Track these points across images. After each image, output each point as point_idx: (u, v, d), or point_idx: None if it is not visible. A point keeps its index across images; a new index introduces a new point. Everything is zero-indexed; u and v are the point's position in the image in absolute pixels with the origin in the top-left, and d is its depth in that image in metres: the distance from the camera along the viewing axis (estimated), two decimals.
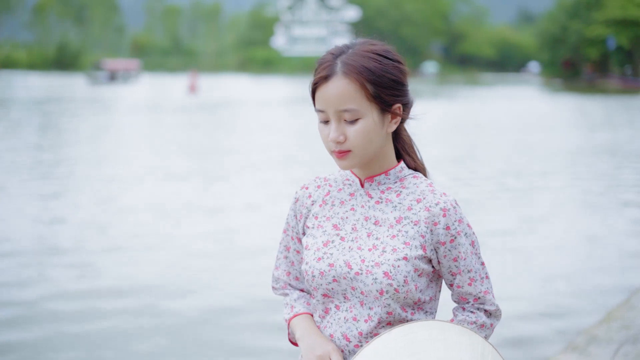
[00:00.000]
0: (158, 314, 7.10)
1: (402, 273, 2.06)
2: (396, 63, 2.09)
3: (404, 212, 2.12)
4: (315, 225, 2.21)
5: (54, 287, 7.86)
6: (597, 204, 13.22)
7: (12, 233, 10.31)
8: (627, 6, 70.53)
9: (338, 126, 2.06)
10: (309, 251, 2.17)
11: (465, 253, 2.13)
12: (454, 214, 2.11)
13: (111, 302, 7.39)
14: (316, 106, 2.09)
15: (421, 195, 2.14)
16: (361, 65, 2.04)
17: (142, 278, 8.21)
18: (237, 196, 13.48)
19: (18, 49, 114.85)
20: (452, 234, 2.10)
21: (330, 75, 2.05)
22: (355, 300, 2.10)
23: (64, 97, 44.63)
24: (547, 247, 9.80)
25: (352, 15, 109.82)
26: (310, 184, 2.28)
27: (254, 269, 8.58)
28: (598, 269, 8.74)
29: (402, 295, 2.07)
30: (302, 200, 2.26)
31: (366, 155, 2.10)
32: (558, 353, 5.34)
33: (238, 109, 37.92)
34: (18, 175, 15.48)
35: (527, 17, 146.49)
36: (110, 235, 10.27)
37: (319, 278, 2.13)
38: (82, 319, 6.93)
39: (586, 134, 26.31)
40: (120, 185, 14.53)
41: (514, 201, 13.47)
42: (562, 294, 7.72)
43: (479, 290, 2.16)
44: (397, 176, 2.18)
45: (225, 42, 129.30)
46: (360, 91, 2.03)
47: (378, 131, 2.08)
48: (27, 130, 25.54)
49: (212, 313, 7.13)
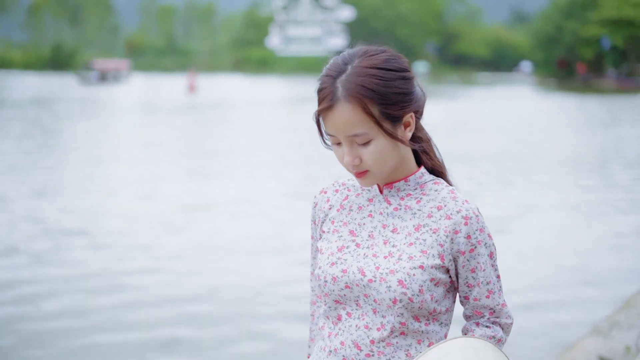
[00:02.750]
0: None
1: (417, 282, 2.00)
2: (399, 72, 2.00)
3: (423, 219, 2.06)
4: (331, 229, 2.16)
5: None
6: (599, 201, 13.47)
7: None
8: (621, 6, 70.84)
9: (351, 150, 2.01)
10: (322, 255, 2.13)
11: (484, 264, 2.07)
12: (476, 223, 2.05)
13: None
14: (326, 130, 2.03)
15: (442, 203, 2.07)
16: (362, 87, 1.95)
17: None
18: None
19: (13, 49, 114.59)
20: (472, 243, 2.04)
21: (333, 104, 1.97)
22: (368, 307, 2.04)
23: (56, 98, 44.16)
24: (545, 248, 10.07)
25: (346, 15, 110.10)
26: (329, 188, 2.24)
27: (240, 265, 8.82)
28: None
29: (417, 305, 2.01)
30: (321, 205, 2.22)
31: (385, 172, 2.05)
32: (583, 337, 5.63)
33: (241, 108, 38.06)
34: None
35: (521, 17, 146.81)
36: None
37: (331, 283, 2.07)
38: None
39: (586, 133, 26.59)
40: (160, 184, 14.75)
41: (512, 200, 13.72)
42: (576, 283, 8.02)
43: (496, 303, 2.10)
44: (417, 182, 2.12)
45: (219, 42, 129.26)
46: (366, 115, 1.95)
47: (392, 148, 2.02)
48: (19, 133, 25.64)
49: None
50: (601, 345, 5.26)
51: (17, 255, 9.33)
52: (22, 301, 7.65)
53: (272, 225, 11.12)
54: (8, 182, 14.70)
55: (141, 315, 7.28)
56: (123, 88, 60.95)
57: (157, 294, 7.94)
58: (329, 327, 2.12)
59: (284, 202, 13.09)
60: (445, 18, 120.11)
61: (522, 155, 19.85)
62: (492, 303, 2.09)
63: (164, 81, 77.00)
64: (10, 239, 10.16)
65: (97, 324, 7.03)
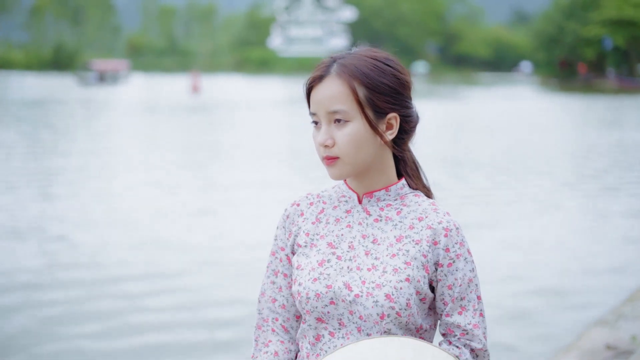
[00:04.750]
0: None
1: (404, 295, 1.93)
2: (395, 72, 2.00)
3: (405, 230, 2.00)
4: (307, 243, 2.06)
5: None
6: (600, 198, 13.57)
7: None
8: (623, 6, 70.91)
9: (327, 129, 1.98)
10: (302, 271, 2.02)
11: (461, 279, 1.98)
12: (456, 236, 1.99)
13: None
14: (309, 110, 2.01)
15: (423, 214, 2.01)
16: (356, 67, 1.97)
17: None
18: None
19: (14, 49, 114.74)
20: (451, 256, 1.98)
21: (324, 75, 1.98)
22: (352, 326, 1.96)
23: (54, 99, 44.12)
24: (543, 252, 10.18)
25: (348, 16, 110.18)
26: (302, 201, 2.13)
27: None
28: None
29: (405, 320, 1.94)
30: (293, 218, 2.11)
31: (356, 164, 1.98)
32: (591, 327, 5.74)
33: (247, 108, 38.08)
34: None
35: (522, 17, 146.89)
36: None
37: (314, 300, 1.98)
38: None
39: (591, 132, 26.68)
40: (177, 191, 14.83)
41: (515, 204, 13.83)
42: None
43: (467, 322, 1.99)
44: (397, 193, 2.05)
45: (220, 42, 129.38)
46: (351, 93, 1.95)
47: (369, 138, 1.97)
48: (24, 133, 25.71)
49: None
50: (608, 335, 5.37)
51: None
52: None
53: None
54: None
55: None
56: (122, 89, 60.94)
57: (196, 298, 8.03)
58: (307, 347, 2.03)
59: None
60: (446, 18, 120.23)
61: (528, 154, 19.94)
62: (463, 321, 1.98)
63: (164, 81, 77.08)
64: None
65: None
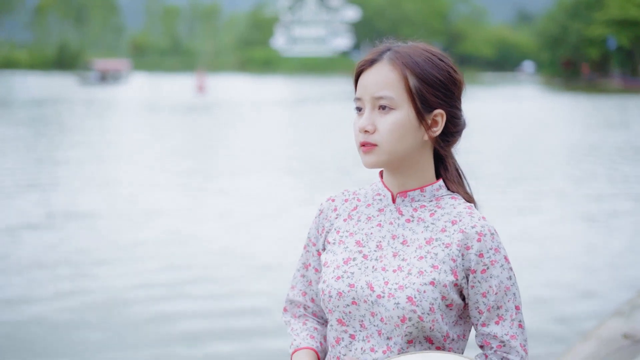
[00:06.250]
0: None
1: (427, 299, 1.86)
2: (449, 69, 1.95)
3: (436, 233, 1.93)
4: (336, 240, 2.01)
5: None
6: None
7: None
8: (627, 6, 70.88)
9: (370, 114, 1.92)
10: (327, 269, 1.98)
11: (497, 287, 1.89)
12: (490, 242, 1.90)
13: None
14: (355, 95, 1.97)
15: (457, 217, 1.94)
16: (410, 56, 1.92)
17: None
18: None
19: (18, 49, 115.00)
20: (484, 262, 1.89)
21: (376, 60, 1.94)
22: (373, 329, 1.91)
23: (56, 99, 44.26)
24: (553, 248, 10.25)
25: (351, 15, 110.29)
26: (338, 197, 2.09)
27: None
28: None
29: (428, 325, 1.86)
30: (326, 213, 2.07)
31: (393, 154, 1.92)
32: (607, 318, 5.81)
33: (254, 109, 38.19)
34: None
35: (525, 17, 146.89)
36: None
37: (336, 299, 1.93)
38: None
39: (600, 132, 26.73)
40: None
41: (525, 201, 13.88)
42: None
43: (505, 332, 1.90)
44: (433, 194, 1.98)
45: (223, 42, 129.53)
46: (401, 81, 1.90)
47: (411, 130, 1.92)
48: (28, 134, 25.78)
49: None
50: (624, 325, 5.45)
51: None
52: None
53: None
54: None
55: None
56: (124, 88, 60.99)
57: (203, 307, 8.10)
58: (334, 343, 1.98)
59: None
60: (450, 18, 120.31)
61: (534, 152, 20.01)
62: (500, 331, 1.89)
63: (167, 81, 77.18)
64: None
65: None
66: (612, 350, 5.01)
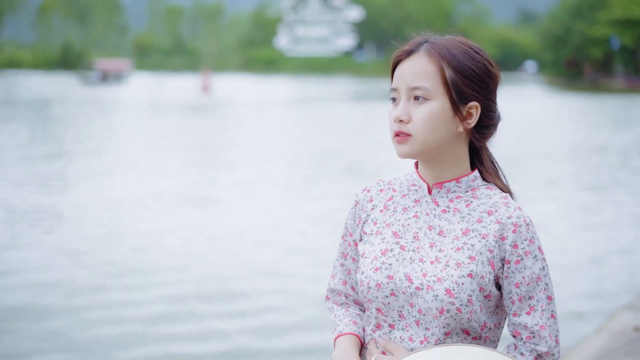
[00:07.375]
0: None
1: (466, 291, 1.88)
2: (486, 62, 1.98)
3: (472, 224, 1.94)
4: (373, 231, 2.04)
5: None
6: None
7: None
8: (630, 6, 70.79)
9: (406, 105, 1.94)
10: (365, 259, 2.00)
11: (530, 278, 1.91)
12: (526, 232, 1.92)
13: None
14: (391, 85, 1.98)
15: (493, 208, 1.95)
16: (447, 48, 1.95)
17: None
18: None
19: (22, 49, 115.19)
20: (519, 253, 1.91)
21: (413, 51, 1.96)
22: (411, 319, 1.94)
23: (57, 98, 44.04)
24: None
25: (355, 15, 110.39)
26: (373, 187, 2.11)
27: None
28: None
29: (466, 317, 1.89)
30: (363, 204, 2.10)
31: (427, 145, 1.93)
32: (619, 311, 5.90)
33: (259, 108, 38.18)
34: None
35: (528, 17, 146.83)
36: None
37: (375, 290, 1.96)
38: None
39: (608, 132, 26.76)
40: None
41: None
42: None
43: (535, 323, 1.91)
44: (469, 185, 2.00)
45: (226, 42, 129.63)
46: (438, 72, 1.92)
47: (446, 121, 1.93)
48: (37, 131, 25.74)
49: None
50: (635, 318, 5.54)
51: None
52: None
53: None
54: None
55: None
56: (126, 88, 60.84)
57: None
58: (369, 334, 2.04)
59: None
60: (453, 18, 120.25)
61: (538, 150, 20.07)
62: (530, 322, 1.91)
63: (170, 81, 77.14)
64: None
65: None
66: (623, 343, 5.09)
